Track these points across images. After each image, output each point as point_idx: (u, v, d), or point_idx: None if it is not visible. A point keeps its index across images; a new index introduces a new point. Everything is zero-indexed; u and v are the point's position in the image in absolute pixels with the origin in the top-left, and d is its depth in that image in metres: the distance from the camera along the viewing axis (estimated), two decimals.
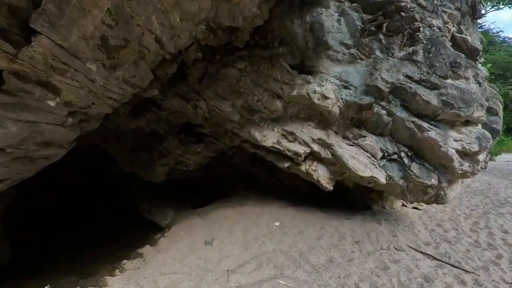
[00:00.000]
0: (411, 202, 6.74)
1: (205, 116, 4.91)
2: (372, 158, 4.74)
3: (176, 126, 5.86)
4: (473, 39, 5.64)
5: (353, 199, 7.45)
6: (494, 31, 28.92)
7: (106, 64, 2.77)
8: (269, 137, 4.53)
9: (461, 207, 8.36)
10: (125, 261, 4.20)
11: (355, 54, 4.67)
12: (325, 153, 4.75)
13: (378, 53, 4.83)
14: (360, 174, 4.54)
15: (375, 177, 4.62)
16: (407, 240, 4.93)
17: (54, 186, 8.28)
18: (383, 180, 4.68)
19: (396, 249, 4.52)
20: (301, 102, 4.53)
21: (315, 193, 7.85)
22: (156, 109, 5.17)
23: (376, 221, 5.89)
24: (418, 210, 7.76)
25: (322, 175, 4.95)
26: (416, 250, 4.55)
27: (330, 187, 5.09)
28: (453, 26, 5.28)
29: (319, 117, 4.71)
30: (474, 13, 6.27)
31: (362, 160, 4.66)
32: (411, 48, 4.93)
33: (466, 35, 5.38)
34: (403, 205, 7.85)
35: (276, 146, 4.51)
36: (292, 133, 4.60)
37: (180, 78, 4.77)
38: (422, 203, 8.36)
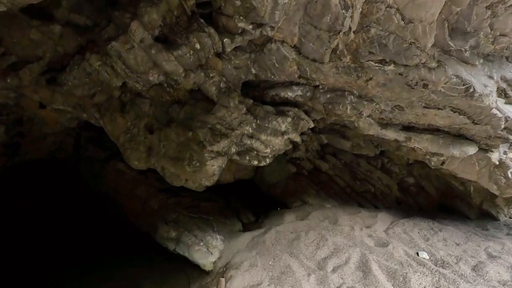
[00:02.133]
0: None
1: (338, 47, 2.36)
2: None
3: (235, 84, 3.28)
4: None
5: (464, 205, 5.56)
6: None
7: None
8: (492, 90, 2.13)
9: None
10: None
11: None
12: None
13: None
14: None
15: None
16: None
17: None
18: None
19: None
20: None
21: (407, 198, 5.69)
22: (212, 26, 2.54)
23: None
24: None
25: None
26: None
27: None
28: None
29: None
30: None
31: None
32: None
33: None
34: None
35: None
36: None
37: None
38: None
